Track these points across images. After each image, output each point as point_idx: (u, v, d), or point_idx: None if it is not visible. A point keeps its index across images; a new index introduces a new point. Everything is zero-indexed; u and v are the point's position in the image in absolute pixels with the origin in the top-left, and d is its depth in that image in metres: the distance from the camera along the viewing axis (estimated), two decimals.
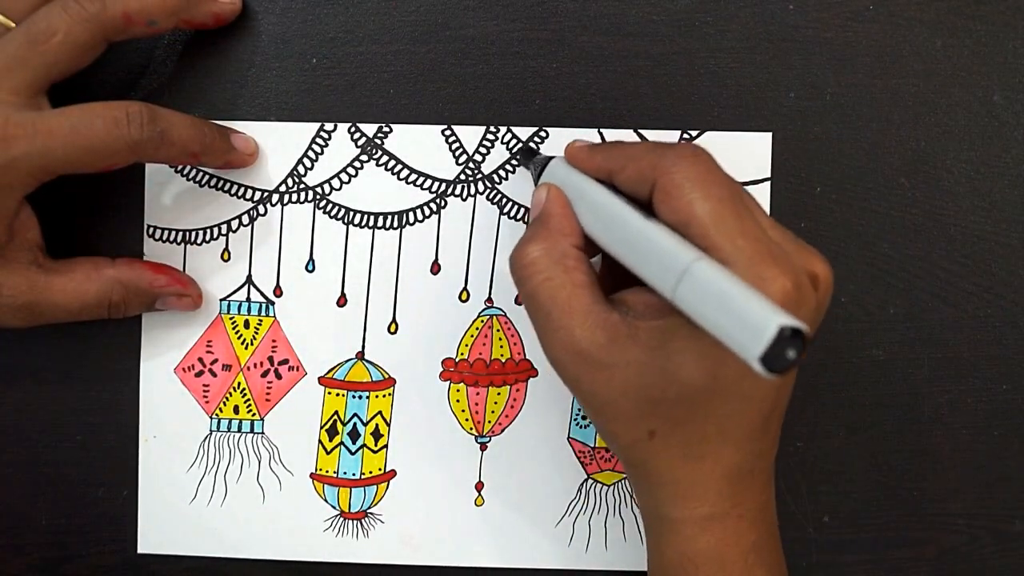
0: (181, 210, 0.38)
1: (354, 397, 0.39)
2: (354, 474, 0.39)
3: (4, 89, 0.32)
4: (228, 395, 0.39)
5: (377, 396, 0.39)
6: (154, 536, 0.39)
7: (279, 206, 0.38)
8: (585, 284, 0.30)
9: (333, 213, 0.38)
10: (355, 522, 0.39)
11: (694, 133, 0.37)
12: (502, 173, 0.38)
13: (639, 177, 0.30)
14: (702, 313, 0.25)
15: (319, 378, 0.39)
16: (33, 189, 0.32)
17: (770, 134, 0.37)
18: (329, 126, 0.38)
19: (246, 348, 0.39)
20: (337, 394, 0.39)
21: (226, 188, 0.38)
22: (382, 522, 0.39)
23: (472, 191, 0.38)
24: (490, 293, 0.38)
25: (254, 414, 0.39)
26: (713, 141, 0.37)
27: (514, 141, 0.38)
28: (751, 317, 0.24)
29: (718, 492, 0.30)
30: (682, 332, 0.28)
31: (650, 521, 0.32)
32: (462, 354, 0.38)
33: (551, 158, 0.34)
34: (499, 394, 0.39)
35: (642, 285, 0.29)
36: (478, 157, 0.38)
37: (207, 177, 0.38)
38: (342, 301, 0.38)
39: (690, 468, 0.30)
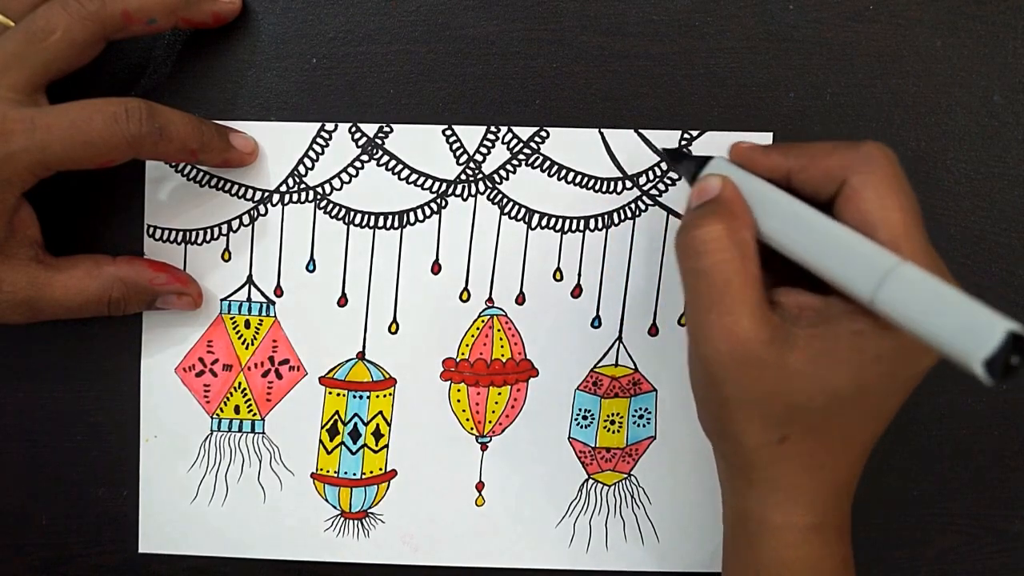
0: (181, 210, 0.38)
1: (355, 397, 0.39)
2: (355, 474, 0.39)
3: (3, 86, 0.32)
4: (229, 395, 0.39)
5: (378, 396, 0.39)
6: (155, 536, 0.39)
7: (280, 206, 0.38)
8: (758, 277, 0.29)
9: (334, 213, 0.38)
10: (356, 522, 0.39)
11: (694, 133, 0.37)
12: (503, 173, 0.38)
13: (824, 176, 0.29)
14: (912, 316, 0.25)
15: (320, 378, 0.39)
16: (31, 185, 0.32)
17: (770, 134, 0.37)
18: (330, 126, 0.38)
19: (247, 348, 0.39)
20: (338, 394, 0.39)
21: (227, 188, 0.38)
22: (383, 522, 0.39)
23: (473, 191, 0.38)
24: (491, 293, 0.38)
25: (255, 414, 0.39)
26: (713, 141, 0.37)
27: (515, 141, 0.38)
28: (975, 321, 0.24)
29: (825, 503, 0.30)
30: (845, 344, 0.28)
31: (745, 523, 0.32)
32: (463, 354, 0.38)
33: (709, 158, 0.32)
34: (500, 394, 0.39)
35: (793, 287, 0.29)
36: (479, 157, 0.38)
37: (207, 177, 0.38)
38: (343, 301, 0.38)
39: (808, 477, 0.30)
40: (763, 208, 0.30)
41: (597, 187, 0.38)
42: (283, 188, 0.38)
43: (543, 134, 0.38)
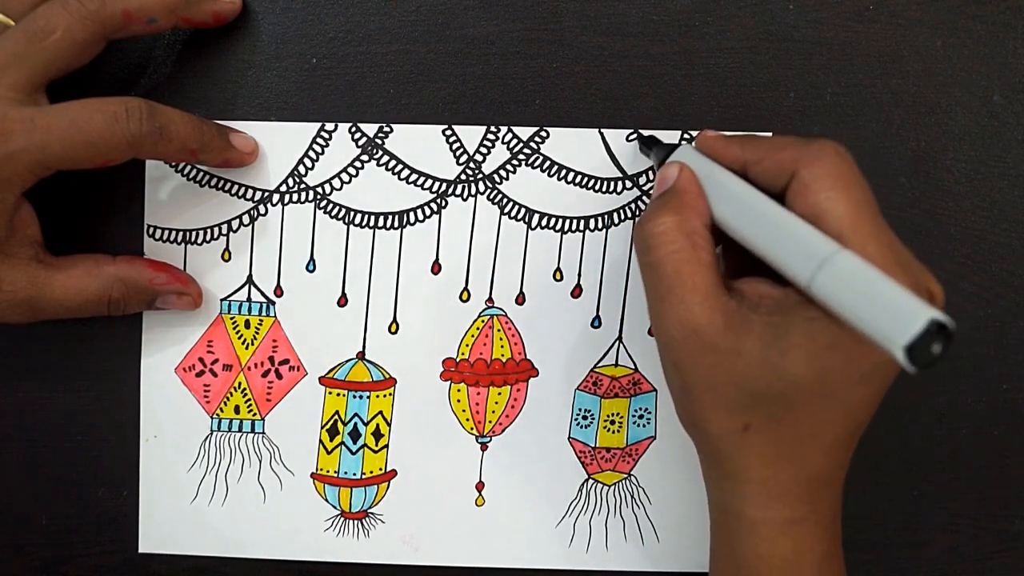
0: (181, 210, 0.38)
1: (355, 397, 0.39)
2: (355, 474, 0.39)
3: (3, 85, 0.32)
4: (229, 395, 0.39)
5: (378, 396, 0.39)
6: (155, 536, 0.39)
7: (280, 206, 0.38)
8: (710, 264, 0.30)
9: (334, 213, 0.38)
10: (356, 522, 0.39)
11: (694, 133, 0.37)
12: (503, 173, 0.38)
13: (777, 168, 0.30)
14: (842, 302, 0.26)
15: (320, 378, 0.39)
16: (31, 184, 0.32)
17: (770, 134, 0.37)
18: (330, 126, 0.38)
19: (247, 348, 0.39)
20: (338, 394, 0.39)
21: (227, 188, 0.38)
22: (383, 522, 0.39)
23: (473, 191, 0.38)
24: (491, 293, 0.38)
25: (255, 414, 0.39)
26: None
27: (515, 141, 0.38)
28: (899, 308, 0.24)
29: (799, 497, 0.30)
30: (799, 330, 0.28)
31: (724, 518, 0.32)
32: (463, 354, 0.38)
33: (676, 145, 0.34)
34: (500, 394, 0.39)
35: (757, 276, 0.30)
36: (479, 157, 0.38)
37: (208, 177, 0.38)
38: (343, 301, 0.38)
39: (778, 469, 0.30)
40: (718, 194, 0.31)
41: (597, 187, 0.38)
42: (283, 188, 0.38)
43: (543, 134, 0.38)
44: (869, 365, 0.29)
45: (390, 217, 0.38)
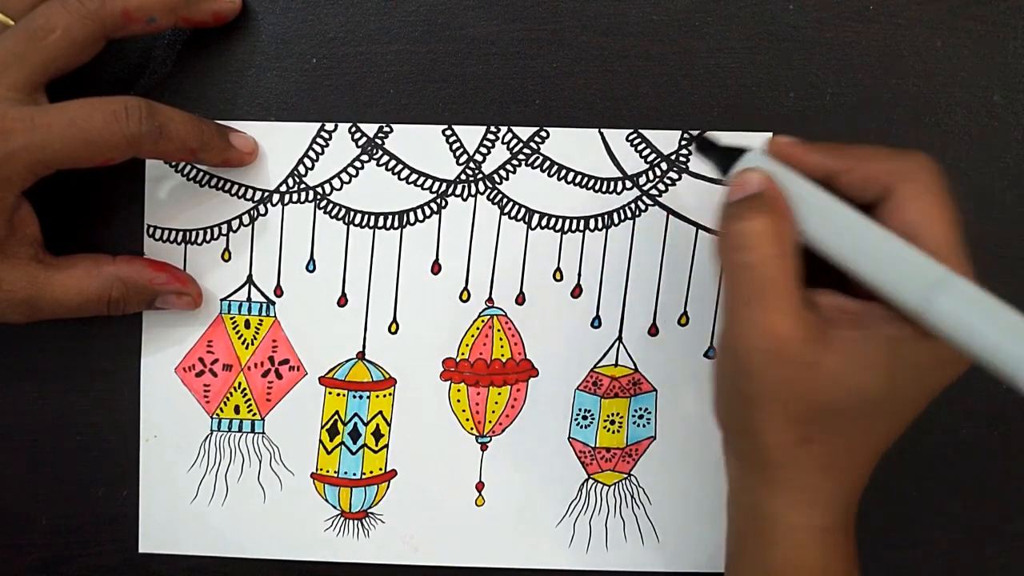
0: (181, 210, 0.38)
1: (355, 397, 0.39)
2: (355, 474, 0.39)
3: (2, 84, 0.32)
4: (229, 395, 0.39)
5: (378, 396, 0.39)
6: (155, 536, 0.39)
7: (279, 206, 0.38)
8: (799, 275, 0.29)
9: (334, 213, 0.38)
10: (356, 522, 0.39)
11: (694, 133, 0.37)
12: (503, 173, 0.38)
13: (870, 181, 0.29)
14: (963, 329, 0.25)
15: (320, 378, 0.39)
16: (31, 184, 0.32)
17: (770, 134, 0.37)
18: (329, 126, 0.38)
19: (247, 348, 0.39)
20: (338, 394, 0.39)
21: (226, 188, 0.38)
22: (383, 522, 0.39)
23: (473, 191, 0.38)
24: (491, 293, 0.38)
25: (255, 414, 0.39)
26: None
27: (515, 141, 0.38)
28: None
29: (837, 504, 0.30)
30: (880, 348, 0.28)
31: (754, 522, 0.31)
32: (463, 354, 0.38)
33: (743, 151, 0.31)
34: (500, 394, 0.39)
35: (832, 290, 0.29)
36: (479, 157, 0.38)
37: (207, 177, 0.38)
38: (343, 301, 0.38)
39: (826, 478, 0.30)
40: (804, 207, 0.29)
41: (597, 187, 0.38)
42: (283, 188, 0.38)
43: (543, 134, 0.38)
44: (937, 383, 0.29)
45: (390, 217, 0.38)
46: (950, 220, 0.28)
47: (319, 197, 0.38)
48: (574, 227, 0.38)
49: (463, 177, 0.38)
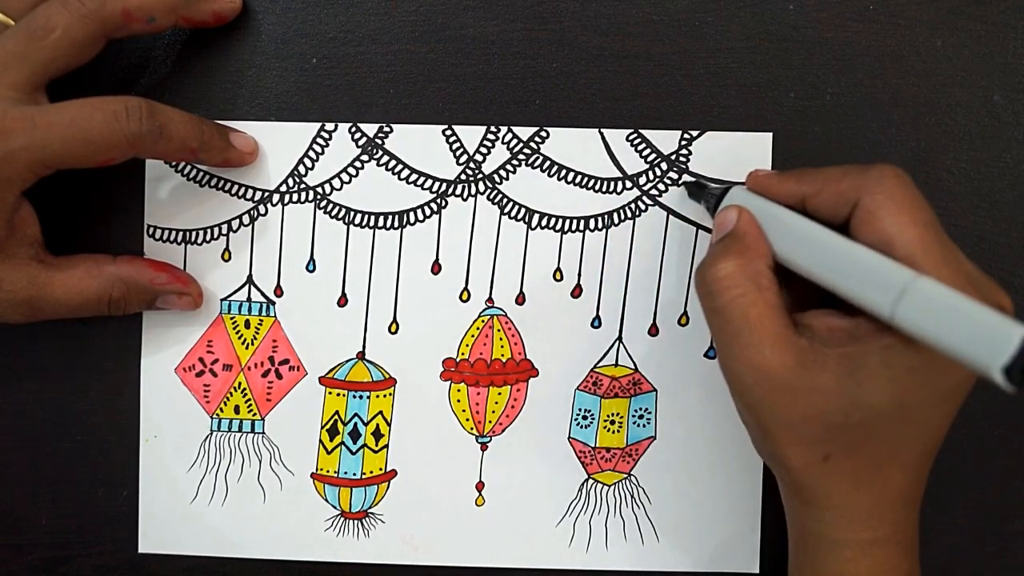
0: (181, 210, 0.38)
1: (355, 397, 0.39)
2: (355, 474, 0.39)
3: (3, 84, 0.32)
4: (229, 395, 0.39)
5: (378, 396, 0.39)
6: (155, 536, 0.39)
7: (280, 206, 0.38)
8: (776, 305, 0.30)
9: (334, 213, 0.38)
10: (356, 522, 0.39)
11: (694, 133, 0.37)
12: (503, 173, 0.38)
13: (838, 199, 0.30)
14: (930, 329, 0.26)
15: (320, 378, 0.39)
16: (32, 184, 0.32)
17: (770, 134, 0.37)
18: (330, 126, 0.38)
19: (247, 348, 0.39)
20: (338, 394, 0.39)
21: (227, 188, 0.38)
22: (383, 522, 0.39)
23: (473, 191, 0.38)
24: (491, 293, 0.38)
25: (255, 414, 0.39)
26: (713, 141, 0.37)
27: (515, 141, 0.38)
28: (990, 330, 0.24)
29: (881, 518, 0.30)
30: (875, 359, 0.28)
31: (805, 538, 0.32)
32: (463, 354, 0.38)
33: (728, 187, 0.34)
34: (500, 394, 0.39)
35: (823, 309, 0.30)
36: (479, 157, 0.38)
37: (208, 177, 0.38)
38: (343, 301, 0.38)
39: (860, 493, 0.30)
40: (780, 233, 0.31)
41: (597, 187, 0.38)
42: (283, 188, 0.38)
43: (543, 134, 0.38)
44: (947, 386, 0.29)
45: (390, 217, 0.38)
46: (923, 222, 0.28)
47: (319, 197, 0.38)
48: (574, 227, 0.38)
49: (463, 177, 0.38)
